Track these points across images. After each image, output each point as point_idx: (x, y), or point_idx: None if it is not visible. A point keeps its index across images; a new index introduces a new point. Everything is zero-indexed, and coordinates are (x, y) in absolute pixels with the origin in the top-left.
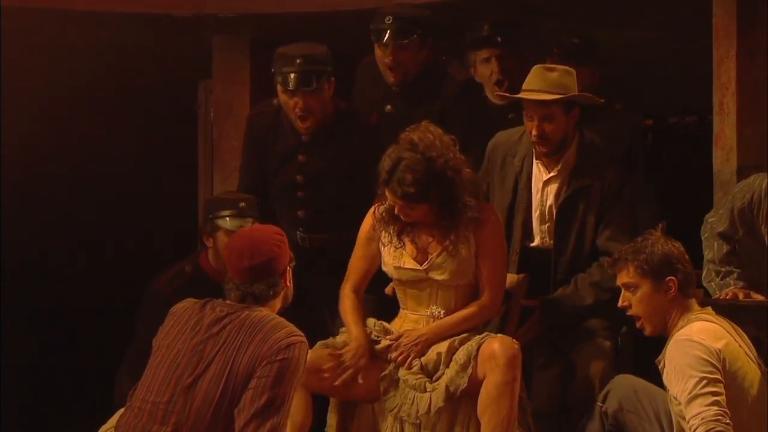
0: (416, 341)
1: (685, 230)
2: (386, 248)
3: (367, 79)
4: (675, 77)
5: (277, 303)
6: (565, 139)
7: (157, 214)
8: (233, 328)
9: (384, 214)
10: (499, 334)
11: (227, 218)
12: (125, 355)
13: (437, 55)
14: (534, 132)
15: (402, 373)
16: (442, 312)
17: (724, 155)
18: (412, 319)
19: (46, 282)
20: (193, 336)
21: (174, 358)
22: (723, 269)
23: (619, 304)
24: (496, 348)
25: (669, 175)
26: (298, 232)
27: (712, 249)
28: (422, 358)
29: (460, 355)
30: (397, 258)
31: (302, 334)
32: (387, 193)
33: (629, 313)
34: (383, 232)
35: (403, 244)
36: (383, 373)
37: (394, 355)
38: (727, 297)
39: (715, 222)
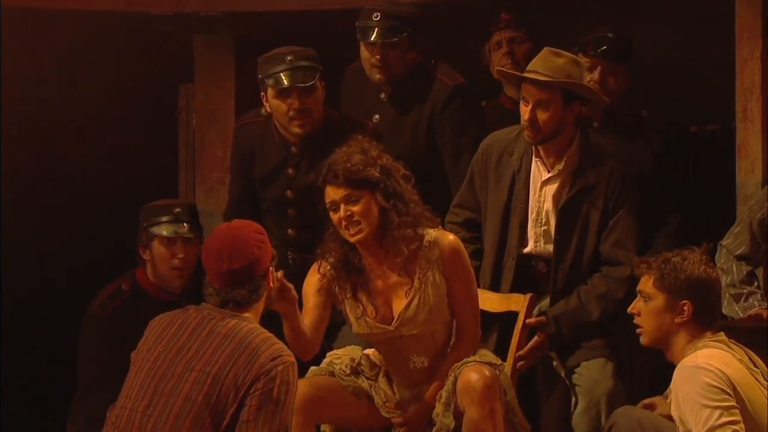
0: (423, 415)
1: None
2: (345, 307)
3: (353, 87)
4: (696, 82)
5: (261, 306)
6: (557, 131)
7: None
8: (219, 335)
9: (332, 271)
10: (475, 362)
11: (162, 225)
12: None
13: (426, 58)
14: (525, 117)
15: None
16: (426, 360)
17: (748, 165)
18: (398, 375)
19: (40, 283)
20: (177, 338)
21: (154, 362)
22: (744, 290)
23: (629, 309)
24: (471, 379)
25: (690, 187)
26: (288, 253)
27: (731, 273)
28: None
29: (442, 393)
30: (360, 324)
31: (291, 352)
32: (327, 191)
33: (636, 320)
34: (336, 288)
35: (363, 307)
36: None
37: (402, 430)
38: (751, 317)
39: (731, 244)
